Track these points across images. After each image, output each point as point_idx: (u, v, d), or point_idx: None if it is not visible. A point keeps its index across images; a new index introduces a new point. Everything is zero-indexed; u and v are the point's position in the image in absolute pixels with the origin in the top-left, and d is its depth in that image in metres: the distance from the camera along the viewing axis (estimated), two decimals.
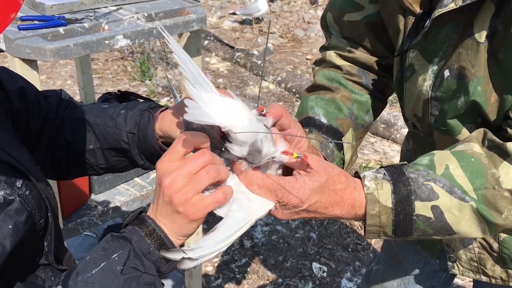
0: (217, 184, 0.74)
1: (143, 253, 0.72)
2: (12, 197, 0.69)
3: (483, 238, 1.13)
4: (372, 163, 3.40)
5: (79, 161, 0.98)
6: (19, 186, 0.71)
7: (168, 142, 0.92)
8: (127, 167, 1.00)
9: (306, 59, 5.08)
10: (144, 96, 2.48)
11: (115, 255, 0.71)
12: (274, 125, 0.83)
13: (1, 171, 0.69)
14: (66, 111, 0.98)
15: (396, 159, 3.47)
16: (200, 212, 0.72)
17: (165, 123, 0.90)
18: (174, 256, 0.71)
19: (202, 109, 0.71)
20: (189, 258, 0.70)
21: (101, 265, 0.71)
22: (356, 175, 0.85)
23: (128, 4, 1.61)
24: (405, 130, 3.61)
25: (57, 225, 0.85)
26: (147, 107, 0.95)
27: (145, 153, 0.95)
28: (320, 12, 5.91)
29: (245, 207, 0.75)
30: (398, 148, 3.60)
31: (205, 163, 0.72)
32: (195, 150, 0.74)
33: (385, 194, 0.80)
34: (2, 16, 0.53)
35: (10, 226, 0.67)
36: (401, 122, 3.67)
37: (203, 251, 0.71)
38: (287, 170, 0.82)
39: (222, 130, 0.74)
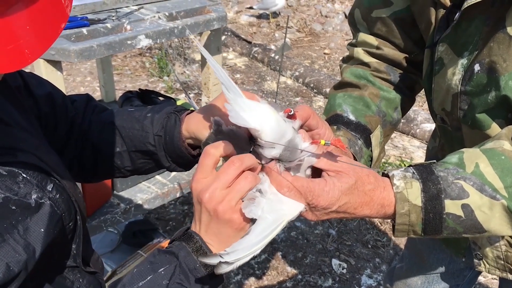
0: None
1: (189, 269, 0.73)
2: (43, 201, 0.70)
3: (510, 236, 1.12)
4: (391, 159, 3.37)
5: (105, 164, 1.00)
6: (50, 189, 0.72)
7: (194, 144, 0.93)
8: (152, 169, 1.01)
9: (324, 53, 5.04)
10: (164, 94, 2.50)
11: (162, 269, 0.72)
12: (301, 126, 0.83)
13: (33, 175, 0.70)
14: (92, 115, 0.99)
15: (416, 155, 3.43)
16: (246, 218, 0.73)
17: (192, 125, 0.91)
18: (212, 261, 0.71)
19: (238, 113, 0.73)
20: (225, 262, 0.71)
21: (148, 278, 0.72)
22: (384, 174, 0.85)
23: (149, 3, 1.62)
24: (425, 125, 3.57)
25: (85, 227, 0.86)
26: (173, 110, 0.95)
27: (172, 155, 0.95)
28: (337, 6, 5.86)
29: (277, 209, 0.76)
30: (417, 143, 3.56)
31: (239, 170, 0.72)
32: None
33: (414, 193, 0.80)
34: (54, 27, 0.54)
35: (42, 230, 0.68)
36: (420, 117, 3.63)
37: (239, 254, 0.72)
38: (317, 171, 0.82)
39: (252, 133, 0.75)
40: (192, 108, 0.96)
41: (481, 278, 2.45)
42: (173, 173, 1.98)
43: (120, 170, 1.00)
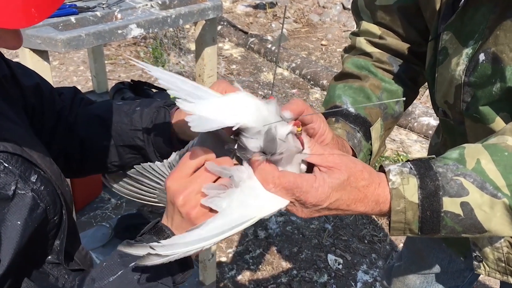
0: None
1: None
2: (24, 192, 0.67)
3: None
4: (388, 152, 3.33)
5: (92, 159, 0.97)
6: (34, 181, 0.70)
7: (184, 139, 0.89)
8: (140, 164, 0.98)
9: (321, 44, 4.98)
10: (157, 85, 2.44)
11: (133, 263, 0.70)
12: (295, 120, 0.78)
13: (15, 165, 0.67)
14: (80, 108, 0.97)
15: (413, 148, 3.40)
16: None
17: (181, 121, 0.88)
18: (137, 251, 0.68)
19: (203, 117, 0.68)
20: (156, 254, 0.66)
21: (119, 273, 0.70)
22: (381, 169, 0.80)
23: None
24: (423, 119, 3.53)
25: (72, 222, 0.83)
26: (163, 104, 0.93)
27: (160, 151, 0.93)
28: None
29: (248, 204, 0.71)
30: (415, 137, 3.52)
31: (215, 176, 0.71)
32: None
33: (411, 189, 0.75)
34: None
35: (19, 222, 0.65)
36: (418, 110, 3.59)
37: (177, 248, 0.67)
38: (311, 166, 0.78)
39: (233, 129, 0.70)
40: None
41: (481, 278, 2.43)
42: None
43: (107, 165, 0.98)
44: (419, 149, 3.38)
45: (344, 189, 0.75)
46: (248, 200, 0.71)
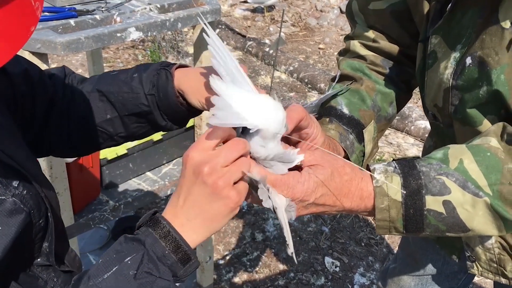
0: None
1: (157, 256, 0.68)
2: (4, 197, 0.65)
3: (503, 239, 1.09)
4: (385, 156, 3.35)
5: (96, 133, 0.96)
6: (15, 185, 0.68)
7: (188, 97, 0.90)
8: (147, 132, 0.98)
9: (319, 48, 5.00)
10: None
11: (128, 258, 0.68)
12: (294, 128, 0.80)
13: None
14: (74, 87, 0.95)
15: (410, 152, 3.41)
16: (243, 197, 0.71)
17: (184, 83, 0.89)
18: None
19: (227, 104, 0.69)
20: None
21: (113, 270, 0.67)
22: (368, 168, 0.82)
23: None
24: (420, 122, 3.55)
25: (60, 225, 0.82)
26: (160, 66, 0.92)
27: (167, 112, 0.92)
28: (333, 0, 5.81)
29: (274, 200, 0.74)
30: (412, 140, 3.54)
31: (240, 153, 0.70)
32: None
33: (394, 188, 0.77)
34: (23, 30, 0.52)
35: (0, 228, 0.64)
36: (415, 114, 3.61)
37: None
38: (293, 169, 0.80)
39: (250, 131, 0.72)
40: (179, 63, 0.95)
41: (476, 280, 2.44)
42: (164, 170, 1.94)
43: (113, 137, 0.96)
44: (416, 152, 3.40)
45: (329, 185, 0.77)
46: (273, 197, 0.73)
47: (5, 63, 0.52)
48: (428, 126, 3.48)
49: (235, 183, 0.70)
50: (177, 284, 0.72)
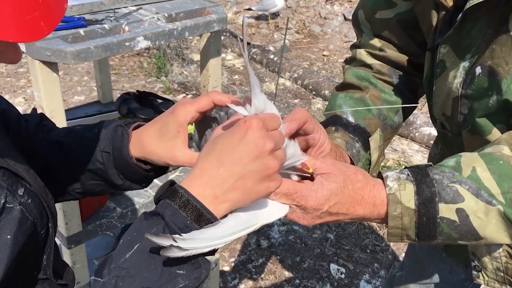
0: None
1: (179, 227, 0.64)
2: (12, 205, 0.65)
3: (510, 247, 1.09)
4: (390, 162, 3.35)
5: (54, 186, 0.91)
6: (21, 194, 0.68)
7: (143, 158, 0.87)
8: (105, 190, 0.94)
9: (323, 55, 5.02)
10: (162, 94, 2.47)
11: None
12: (298, 130, 0.81)
13: (2, 178, 0.66)
14: (41, 135, 0.93)
15: (415, 158, 3.41)
16: (278, 183, 0.70)
17: (145, 138, 0.85)
18: (162, 241, 0.62)
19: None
20: (178, 247, 0.63)
21: (135, 247, 0.64)
22: (379, 175, 0.82)
23: (148, 4, 1.59)
24: (425, 129, 3.55)
25: (55, 236, 0.81)
26: (120, 123, 0.89)
27: (124, 172, 0.88)
28: (337, 8, 5.84)
29: (255, 209, 0.72)
30: (416, 147, 3.54)
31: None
32: None
33: (407, 195, 0.78)
34: (59, 4, 0.59)
35: (9, 237, 0.63)
36: (420, 120, 3.61)
37: (196, 243, 0.65)
38: (304, 178, 0.80)
39: None
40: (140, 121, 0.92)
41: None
42: (171, 177, 1.95)
43: (70, 192, 0.93)
44: (420, 159, 3.40)
45: (342, 192, 0.77)
46: (252, 206, 0.72)
47: (51, 31, 0.57)
48: (433, 133, 3.49)
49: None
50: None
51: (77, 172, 0.90)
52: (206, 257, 0.67)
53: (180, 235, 0.63)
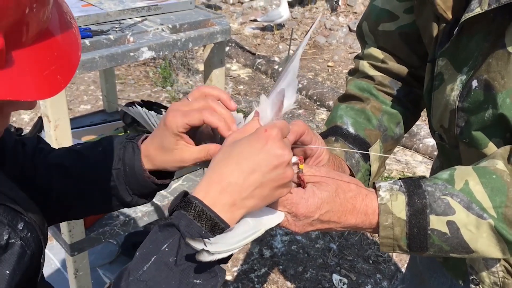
0: None
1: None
2: (13, 240, 0.66)
3: (508, 262, 1.09)
4: (394, 173, 3.35)
5: (56, 208, 0.92)
6: (21, 228, 0.68)
7: (157, 169, 0.88)
8: (113, 207, 0.93)
9: (328, 66, 5.04)
10: (166, 105, 2.49)
11: (165, 245, 0.65)
12: (295, 142, 0.83)
13: (3, 214, 0.67)
14: (39, 159, 0.93)
15: (418, 169, 3.41)
16: (288, 189, 0.73)
17: (151, 150, 0.86)
18: (197, 245, 0.64)
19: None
20: (207, 251, 0.64)
21: (152, 259, 0.65)
22: (374, 185, 0.84)
23: (153, 15, 1.62)
24: (428, 140, 3.55)
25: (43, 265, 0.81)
26: (126, 139, 0.90)
27: (133, 188, 0.89)
28: (342, 19, 5.88)
29: (257, 216, 0.74)
30: (420, 158, 3.54)
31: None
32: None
33: (399, 206, 0.79)
34: (74, 53, 0.59)
35: (7, 272, 0.64)
36: (423, 131, 3.62)
37: (220, 247, 0.66)
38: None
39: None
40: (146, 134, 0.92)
41: None
42: (174, 186, 1.96)
43: (73, 213, 0.95)
44: (424, 170, 3.40)
45: (333, 201, 0.78)
46: (256, 212, 0.74)
47: (68, 83, 0.58)
48: None
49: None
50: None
51: (84, 193, 0.91)
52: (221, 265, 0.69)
53: (209, 239, 0.65)
